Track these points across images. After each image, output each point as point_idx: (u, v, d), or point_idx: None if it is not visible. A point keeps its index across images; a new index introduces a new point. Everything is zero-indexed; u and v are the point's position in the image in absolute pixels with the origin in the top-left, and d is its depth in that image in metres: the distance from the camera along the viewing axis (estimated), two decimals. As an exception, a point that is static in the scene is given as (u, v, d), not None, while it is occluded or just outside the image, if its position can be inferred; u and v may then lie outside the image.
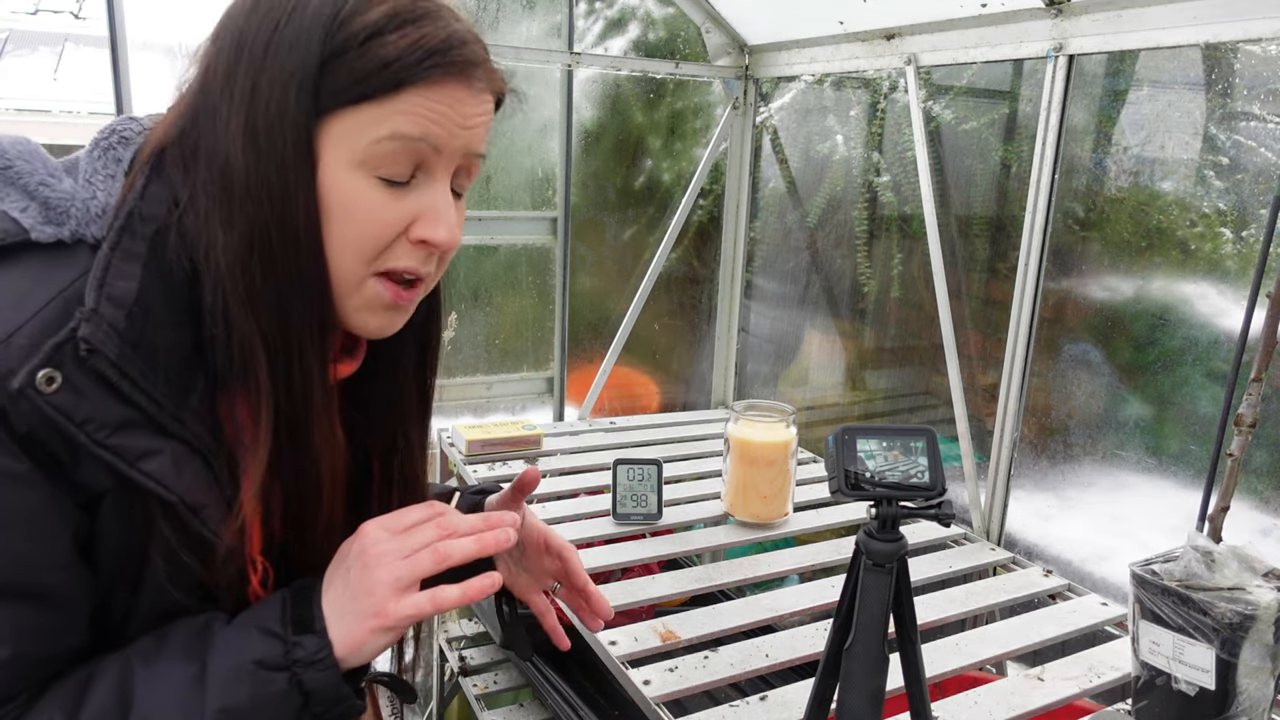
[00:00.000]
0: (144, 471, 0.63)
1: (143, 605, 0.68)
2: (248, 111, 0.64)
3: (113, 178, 0.67)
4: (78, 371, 0.60)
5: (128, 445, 0.63)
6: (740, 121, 2.54)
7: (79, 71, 4.99)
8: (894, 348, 2.21)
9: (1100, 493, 1.69)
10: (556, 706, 1.80)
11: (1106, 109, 1.63)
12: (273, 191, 0.64)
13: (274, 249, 0.65)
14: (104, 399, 0.62)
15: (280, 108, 0.64)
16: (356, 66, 0.64)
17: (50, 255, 0.64)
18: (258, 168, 0.64)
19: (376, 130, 0.65)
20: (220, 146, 0.65)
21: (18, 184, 0.65)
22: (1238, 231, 1.45)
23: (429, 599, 0.69)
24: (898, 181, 2.11)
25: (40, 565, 0.63)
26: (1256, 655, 1.02)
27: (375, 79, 0.64)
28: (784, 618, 1.47)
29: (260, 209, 0.64)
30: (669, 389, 2.74)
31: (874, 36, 2.04)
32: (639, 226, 2.58)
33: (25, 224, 0.64)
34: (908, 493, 0.92)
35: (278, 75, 0.64)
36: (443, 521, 0.72)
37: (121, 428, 0.62)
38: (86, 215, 0.65)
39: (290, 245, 0.65)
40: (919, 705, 0.97)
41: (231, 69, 0.65)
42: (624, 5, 2.40)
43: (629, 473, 1.73)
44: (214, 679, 0.65)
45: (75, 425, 0.60)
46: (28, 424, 0.60)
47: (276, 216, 0.64)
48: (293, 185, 0.64)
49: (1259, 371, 1.24)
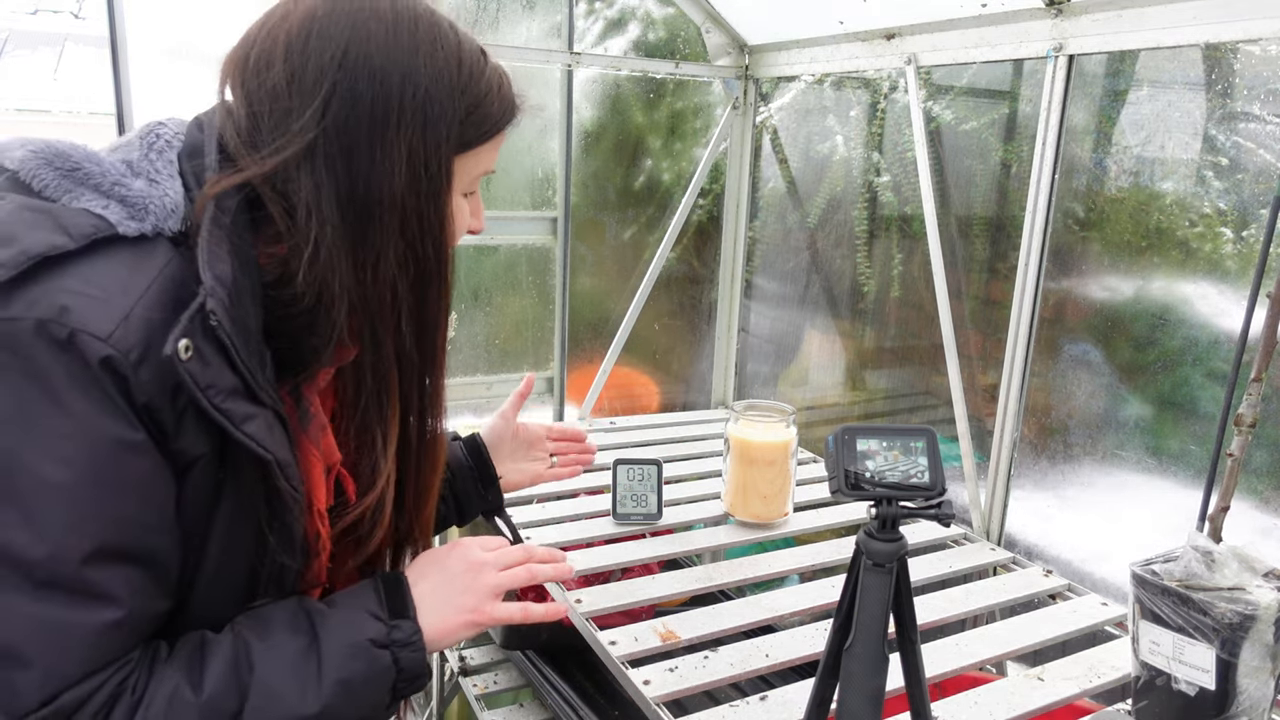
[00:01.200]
0: (247, 433, 0.72)
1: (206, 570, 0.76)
2: (409, 155, 0.76)
3: (172, 178, 0.75)
4: (205, 340, 0.70)
5: (236, 409, 0.71)
6: (740, 121, 2.54)
7: (79, 71, 4.99)
8: (894, 348, 2.21)
9: (1100, 493, 1.69)
10: (556, 706, 1.80)
11: (1106, 109, 1.63)
12: (429, 221, 0.79)
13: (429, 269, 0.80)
14: (221, 367, 0.71)
15: (438, 150, 0.78)
16: (485, 116, 0.81)
17: (137, 247, 0.71)
18: (420, 201, 0.77)
19: (479, 168, 0.84)
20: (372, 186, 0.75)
21: (89, 184, 0.72)
22: (1238, 231, 1.45)
23: (520, 609, 0.88)
24: (898, 181, 2.11)
25: (152, 528, 0.70)
26: (1256, 655, 1.02)
27: (492, 129, 0.82)
28: (784, 618, 1.47)
29: (416, 235, 0.78)
30: (669, 389, 2.74)
31: (874, 36, 2.04)
32: (639, 226, 2.58)
33: (111, 219, 0.71)
34: (908, 493, 0.92)
35: (433, 123, 0.77)
36: (528, 547, 0.94)
37: (232, 394, 0.71)
38: (163, 211, 0.73)
39: (441, 264, 0.81)
40: (919, 705, 0.98)
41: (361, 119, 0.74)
42: (624, 5, 2.40)
43: (629, 473, 1.73)
44: (330, 653, 0.77)
45: (200, 390, 0.69)
46: (147, 394, 0.68)
47: (434, 242, 0.80)
48: (445, 213, 0.80)
49: (1259, 371, 1.24)
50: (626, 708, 1.79)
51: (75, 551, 0.65)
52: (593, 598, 1.47)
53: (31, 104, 5.15)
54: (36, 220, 0.68)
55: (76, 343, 0.65)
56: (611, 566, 1.60)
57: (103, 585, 0.67)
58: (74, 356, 0.65)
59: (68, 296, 0.66)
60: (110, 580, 0.68)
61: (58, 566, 0.65)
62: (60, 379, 0.65)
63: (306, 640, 0.77)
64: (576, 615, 1.44)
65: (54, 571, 0.65)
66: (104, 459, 0.67)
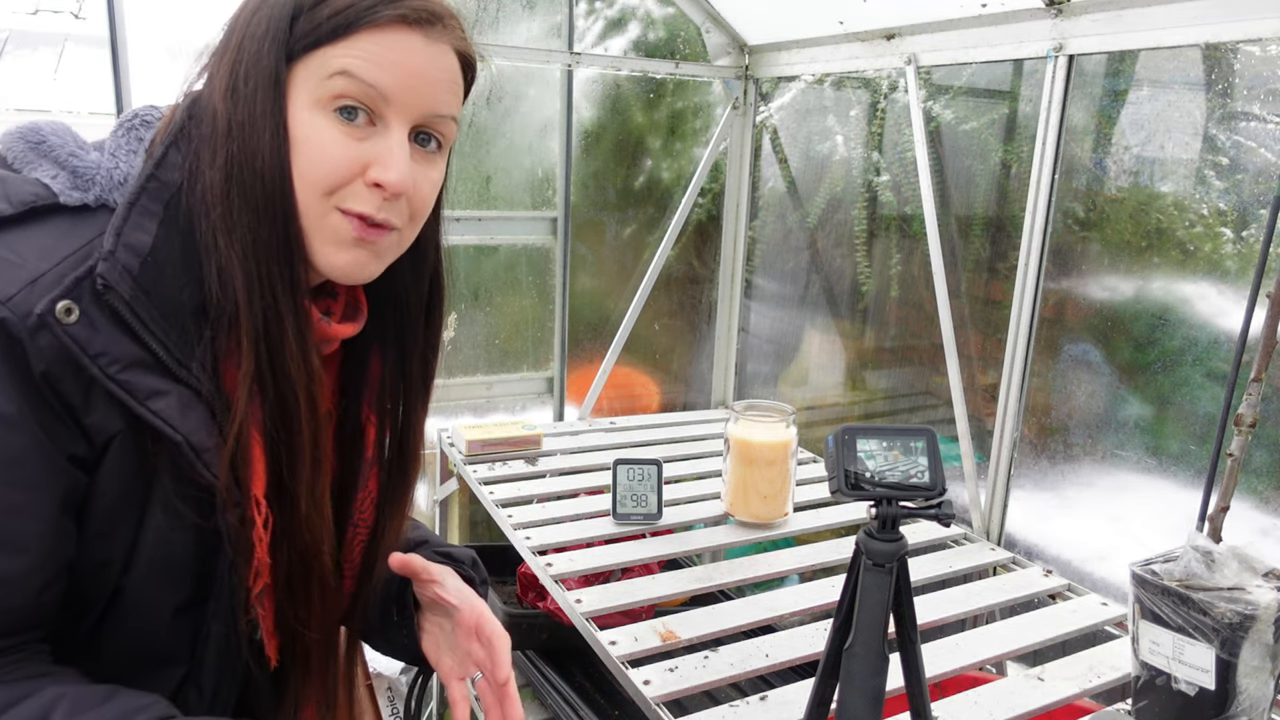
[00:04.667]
0: (152, 410, 0.68)
1: (140, 561, 0.72)
2: (230, 66, 0.72)
3: (134, 153, 0.74)
4: (94, 306, 0.66)
5: (137, 383, 0.67)
6: (740, 121, 2.54)
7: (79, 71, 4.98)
8: (894, 348, 2.21)
9: (1100, 493, 1.69)
10: (556, 706, 1.80)
11: (1106, 109, 1.63)
12: (244, 129, 0.71)
13: (245, 178, 0.71)
14: (117, 335, 0.67)
15: (255, 58, 0.71)
16: (317, 14, 0.72)
17: (75, 216, 0.70)
18: (234, 111, 0.71)
19: (329, 68, 0.71)
20: (211, 101, 0.73)
21: (49, 156, 0.72)
22: (1238, 231, 1.45)
23: None
24: (898, 181, 2.11)
25: (14, 511, 0.66)
26: (1256, 655, 1.02)
27: (330, 22, 0.71)
28: (784, 618, 1.47)
29: (234, 145, 0.71)
30: (669, 389, 2.74)
31: (874, 36, 2.04)
32: (639, 226, 2.58)
33: (55, 189, 0.70)
34: (908, 493, 0.92)
35: (255, 32, 0.72)
36: None
37: (132, 365, 0.67)
38: (110, 183, 0.72)
39: (258, 175, 0.71)
40: (919, 705, 0.97)
41: (225, 41, 0.74)
42: (624, 5, 2.40)
43: (629, 473, 1.73)
44: None
45: (89, 357, 0.65)
46: (45, 362, 0.65)
47: (248, 150, 0.71)
48: (260, 122, 0.71)
49: (1259, 371, 1.24)
50: (626, 708, 1.79)
51: None
52: (593, 598, 1.47)
53: (31, 104, 5.14)
54: None
55: None
56: (611, 566, 1.60)
57: None
58: None
59: None
60: None
61: None
62: None
63: None
64: (576, 615, 1.43)
65: None
66: None
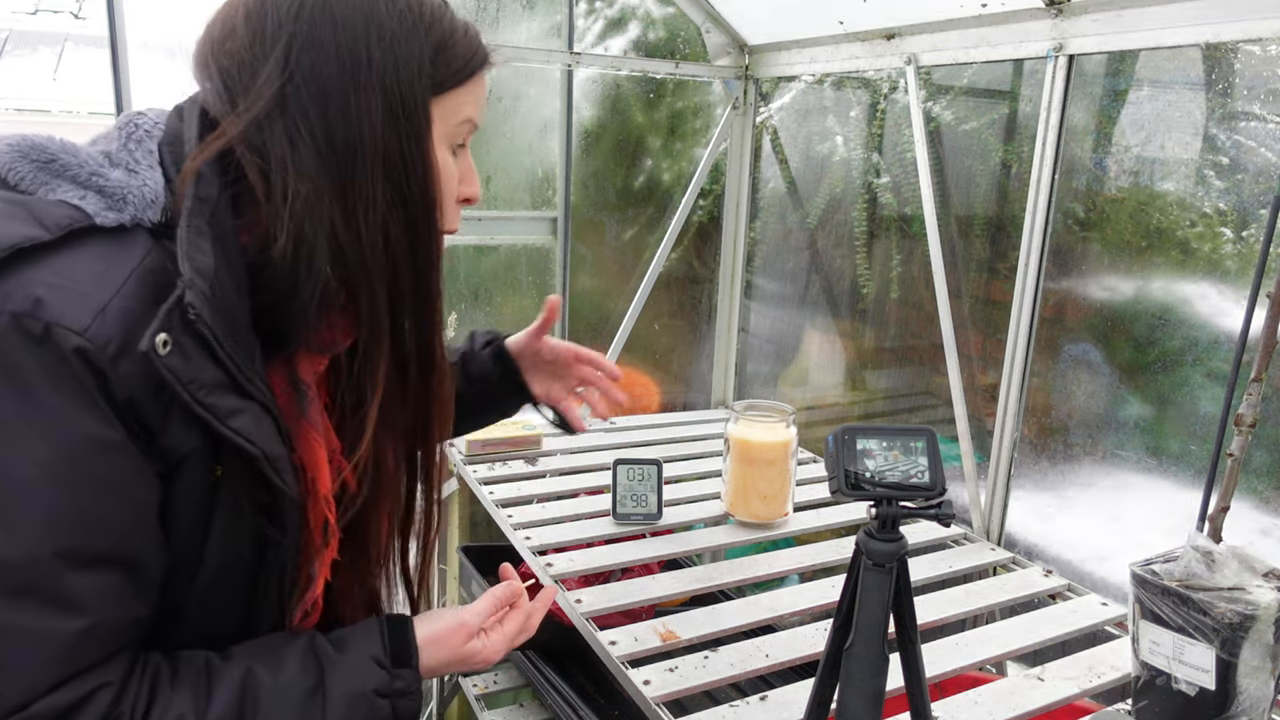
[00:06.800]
0: (233, 428, 0.70)
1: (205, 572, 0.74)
2: (384, 96, 0.74)
3: (152, 168, 0.73)
4: (184, 334, 0.67)
5: (221, 404, 0.69)
6: (740, 121, 2.54)
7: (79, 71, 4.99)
8: (894, 348, 2.21)
9: (1100, 493, 1.69)
10: (556, 706, 1.80)
11: (1106, 109, 1.63)
12: (414, 163, 0.77)
13: (417, 213, 0.78)
14: (203, 361, 0.69)
15: (413, 90, 0.76)
16: (454, 56, 0.79)
17: (115, 238, 0.70)
18: (401, 143, 0.76)
19: (460, 114, 0.81)
20: (351, 131, 0.73)
21: (65, 175, 0.71)
22: (1238, 231, 1.45)
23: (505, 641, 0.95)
24: (898, 182, 2.11)
25: (132, 532, 0.68)
26: (1256, 655, 1.02)
27: (463, 69, 0.80)
28: (784, 618, 1.47)
29: (402, 178, 0.76)
30: (669, 389, 2.74)
31: (874, 36, 2.04)
32: (639, 226, 2.58)
33: (89, 210, 0.69)
34: (908, 493, 0.92)
35: (404, 62, 0.75)
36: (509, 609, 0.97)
37: (215, 388, 0.69)
38: (142, 201, 0.71)
39: (429, 209, 0.79)
40: (919, 705, 0.97)
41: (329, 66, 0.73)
42: (624, 5, 2.40)
43: (629, 473, 1.73)
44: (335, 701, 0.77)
45: (182, 385, 0.67)
46: (128, 390, 0.66)
47: (419, 185, 0.77)
48: (428, 155, 0.78)
49: (1259, 371, 1.24)
50: (626, 708, 1.79)
51: (47, 555, 0.63)
52: (593, 598, 1.47)
53: (31, 104, 5.14)
54: (10, 212, 0.67)
55: (52, 336, 0.63)
56: (611, 566, 1.60)
57: (73, 591, 0.65)
58: (48, 350, 0.63)
59: (42, 289, 0.64)
60: (81, 586, 0.65)
61: (29, 571, 0.63)
62: (35, 374, 0.63)
63: (314, 683, 0.77)
64: (576, 615, 1.43)
65: (25, 577, 0.63)
66: (79, 458, 0.64)
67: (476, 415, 1.28)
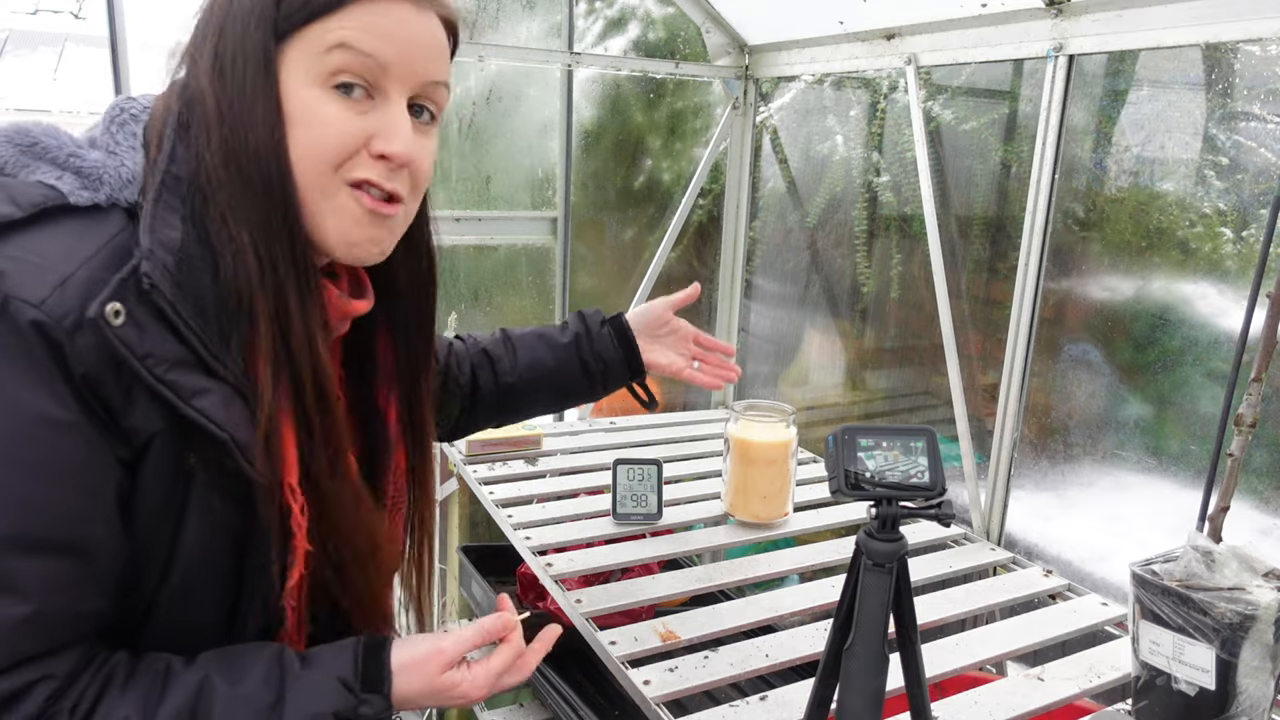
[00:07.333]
0: (197, 408, 0.67)
1: (180, 565, 0.71)
2: (215, 48, 0.72)
3: (133, 149, 0.73)
4: (140, 306, 0.65)
5: (183, 382, 0.67)
6: (740, 121, 2.54)
7: (79, 71, 4.98)
8: (894, 348, 2.21)
9: (1100, 493, 1.69)
10: (556, 706, 1.80)
11: (1106, 109, 1.63)
12: (234, 109, 0.70)
13: (241, 160, 0.70)
14: (162, 335, 0.66)
15: (241, 38, 0.71)
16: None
17: (89, 216, 0.69)
18: (223, 92, 0.71)
19: (325, 41, 0.71)
20: (198, 86, 0.72)
21: (45, 158, 0.70)
22: (1238, 231, 1.45)
23: None
24: (898, 181, 2.11)
25: (83, 519, 0.65)
26: (1256, 655, 1.02)
27: (316, 6, 0.71)
28: (784, 618, 1.47)
29: (226, 128, 0.70)
30: (669, 389, 2.74)
31: (874, 36, 2.04)
32: (639, 226, 2.58)
33: (63, 190, 0.69)
34: (908, 493, 0.91)
35: (238, 12, 0.71)
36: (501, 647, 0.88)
37: (177, 365, 0.67)
38: (119, 181, 0.71)
39: (254, 155, 0.70)
40: (919, 705, 0.97)
41: (204, 23, 0.74)
42: (624, 5, 2.40)
43: (629, 473, 1.73)
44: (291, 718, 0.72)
45: (137, 359, 0.64)
46: (85, 364, 0.63)
47: (240, 131, 0.70)
48: (252, 101, 0.70)
49: (1259, 371, 1.24)
50: (626, 708, 1.79)
51: None
52: (593, 598, 1.47)
53: (31, 104, 5.14)
54: None
55: (8, 309, 0.61)
56: (611, 566, 1.60)
57: (13, 577, 0.62)
58: (4, 324, 0.61)
59: (6, 263, 0.63)
60: (23, 572, 0.63)
61: None
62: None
63: (273, 698, 0.72)
64: (576, 615, 1.43)
65: None
66: (28, 439, 0.62)
67: (581, 394, 1.31)
